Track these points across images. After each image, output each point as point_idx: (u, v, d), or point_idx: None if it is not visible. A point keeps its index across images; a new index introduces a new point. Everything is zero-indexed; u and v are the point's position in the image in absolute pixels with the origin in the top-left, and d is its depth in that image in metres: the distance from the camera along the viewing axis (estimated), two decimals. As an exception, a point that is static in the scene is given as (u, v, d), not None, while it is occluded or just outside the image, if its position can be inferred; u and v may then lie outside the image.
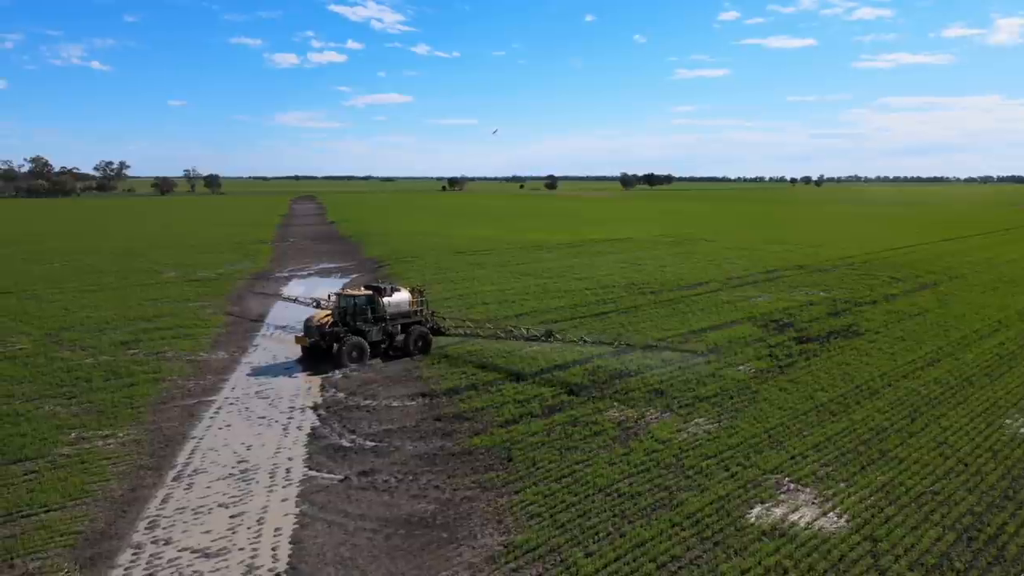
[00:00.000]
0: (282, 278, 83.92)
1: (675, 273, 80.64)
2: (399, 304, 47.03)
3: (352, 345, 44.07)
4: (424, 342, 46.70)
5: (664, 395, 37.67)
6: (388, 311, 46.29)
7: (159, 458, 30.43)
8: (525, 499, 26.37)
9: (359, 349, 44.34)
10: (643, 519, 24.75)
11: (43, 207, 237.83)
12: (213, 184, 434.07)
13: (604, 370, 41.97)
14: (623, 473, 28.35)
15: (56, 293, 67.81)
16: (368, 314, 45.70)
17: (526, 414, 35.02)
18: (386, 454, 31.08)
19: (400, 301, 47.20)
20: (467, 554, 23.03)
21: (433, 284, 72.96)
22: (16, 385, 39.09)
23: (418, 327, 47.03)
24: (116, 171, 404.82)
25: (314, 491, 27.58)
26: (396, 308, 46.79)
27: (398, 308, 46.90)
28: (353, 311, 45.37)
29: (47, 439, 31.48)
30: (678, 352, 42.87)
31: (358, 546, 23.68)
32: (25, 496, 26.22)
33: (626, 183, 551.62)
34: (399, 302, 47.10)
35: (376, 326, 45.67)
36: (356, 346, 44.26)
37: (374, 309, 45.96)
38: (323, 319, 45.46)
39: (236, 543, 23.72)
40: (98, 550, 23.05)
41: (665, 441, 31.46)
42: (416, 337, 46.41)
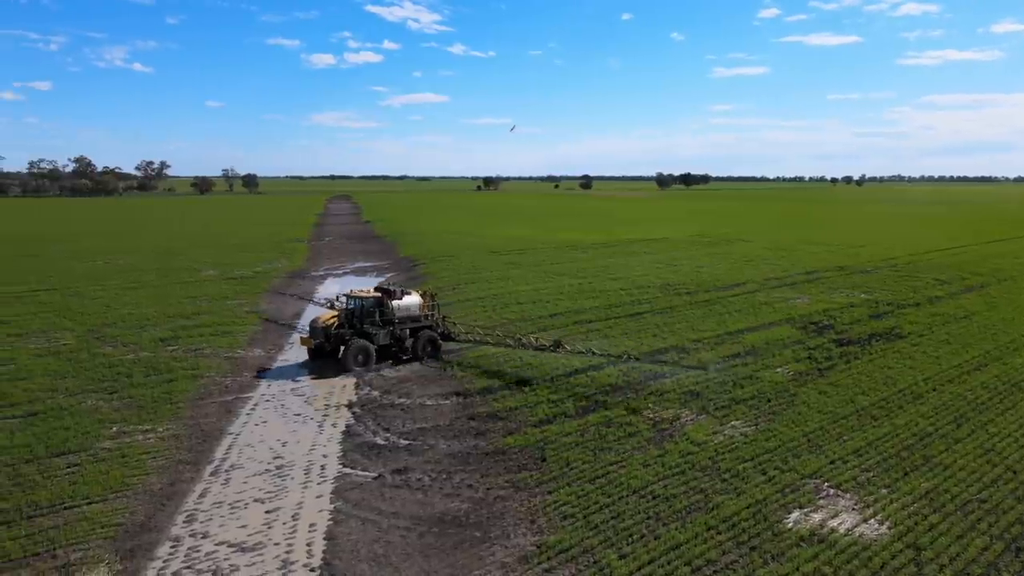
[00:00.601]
0: (318, 277, 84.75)
1: (711, 274, 79.74)
2: (408, 308, 45.87)
3: (357, 348, 43.13)
4: (433, 347, 45.60)
5: (700, 396, 37.21)
6: (397, 315, 45.14)
7: (197, 453, 30.87)
8: (559, 499, 26.21)
9: (364, 353, 43.30)
10: (678, 522, 24.44)
11: (86, 206, 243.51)
12: (251, 184, 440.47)
13: (638, 371, 41.59)
14: (657, 475, 28.04)
15: (98, 290, 69.29)
16: (376, 317, 44.71)
17: (560, 414, 34.84)
18: (420, 452, 31.14)
19: (410, 305, 46.04)
20: (500, 553, 22.95)
21: (468, 284, 73.13)
22: (60, 380, 39.97)
23: (428, 331, 45.81)
24: (157, 171, 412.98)
25: (348, 488, 27.74)
26: (405, 312, 45.61)
27: (407, 312, 45.72)
28: (360, 313, 44.55)
29: (89, 433, 32.12)
30: (685, 369, 40.67)
31: (391, 543, 23.74)
32: (68, 488, 26.75)
33: (662, 183, 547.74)
34: (408, 306, 45.95)
35: (384, 329, 44.56)
36: (361, 349, 43.26)
37: (382, 312, 44.95)
38: (329, 320, 44.62)
39: (272, 538, 23.94)
40: (138, 542, 23.43)
41: (700, 443, 31.06)
42: (425, 342, 45.31)
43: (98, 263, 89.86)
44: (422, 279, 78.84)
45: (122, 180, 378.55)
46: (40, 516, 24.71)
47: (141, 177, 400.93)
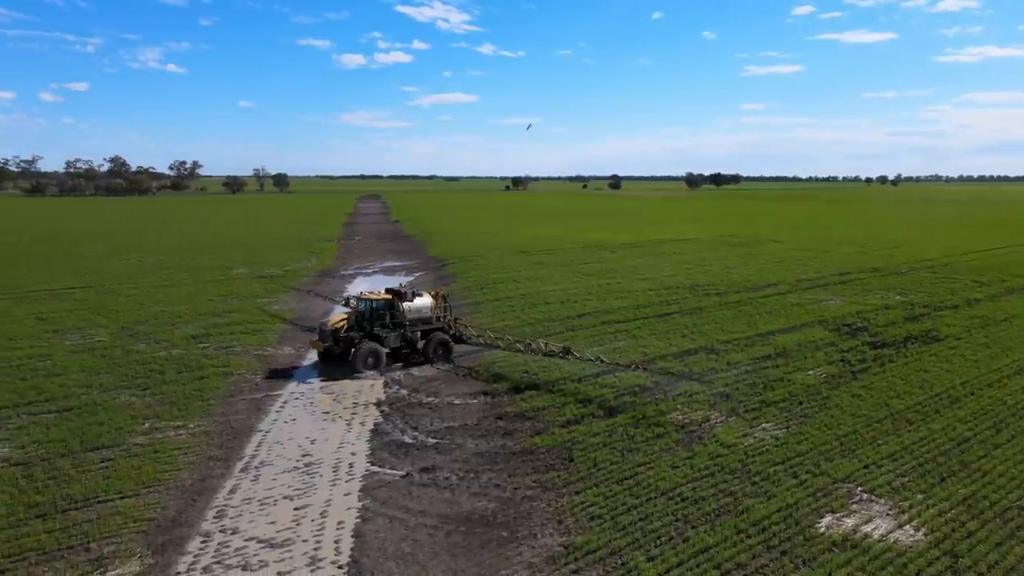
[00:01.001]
0: (347, 275, 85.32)
1: (742, 275, 78.89)
2: (420, 310, 44.96)
3: (367, 351, 42.45)
4: (444, 349, 44.86)
5: (729, 398, 36.79)
6: (408, 317, 44.34)
7: (227, 449, 31.18)
8: (586, 500, 26.05)
9: (374, 355, 42.61)
10: (707, 524, 24.15)
11: (121, 205, 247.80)
12: (281, 183, 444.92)
13: (668, 372, 41.24)
14: (686, 477, 27.74)
15: (132, 288, 70.42)
16: (386, 319, 43.90)
17: (587, 414, 34.65)
18: (448, 451, 31.15)
19: (421, 306, 45.13)
20: (527, 554, 22.85)
21: (496, 283, 73.13)
22: (94, 376, 40.64)
23: (439, 334, 45.06)
24: (189, 170, 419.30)
25: (376, 486, 27.82)
26: (416, 314, 44.73)
27: (418, 314, 44.84)
28: (370, 315, 43.74)
29: (122, 428, 32.59)
30: (700, 384, 38.75)
31: (419, 542, 23.75)
32: (101, 483, 27.16)
33: (692, 183, 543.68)
34: (420, 307, 45.02)
35: (394, 332, 43.82)
36: (371, 352, 42.56)
37: (393, 314, 44.14)
38: (338, 322, 43.78)
39: (300, 535, 24.08)
40: (169, 537, 23.70)
41: (730, 446, 30.68)
42: (436, 344, 44.60)
43: (132, 261, 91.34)
44: (450, 278, 79.03)
45: (155, 179, 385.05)
46: (74, 510, 25.11)
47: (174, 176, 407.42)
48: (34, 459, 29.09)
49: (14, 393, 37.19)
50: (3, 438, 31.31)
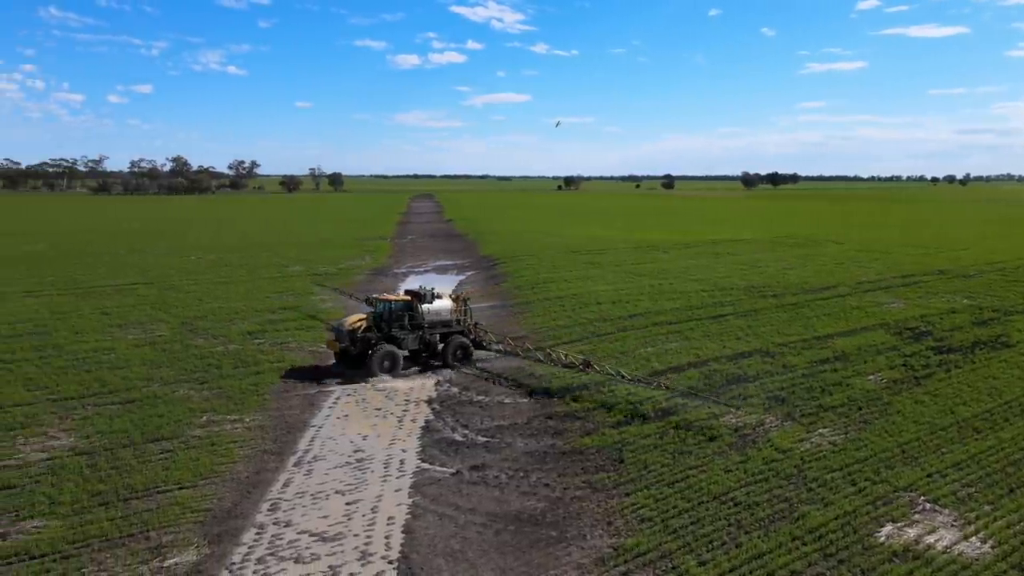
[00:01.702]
0: (400, 274, 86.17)
1: (799, 276, 77.10)
2: (439, 312, 44.21)
3: (384, 353, 41.67)
4: (464, 353, 44.07)
5: (785, 402, 35.96)
6: (427, 319, 43.62)
7: (281, 444, 31.72)
8: (636, 502, 25.73)
9: (391, 358, 41.84)
10: (761, 530, 23.61)
11: (182, 204, 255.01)
12: (336, 182, 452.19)
13: (721, 374, 40.56)
14: (739, 481, 27.19)
15: (192, 284, 72.35)
16: (405, 321, 43.15)
17: (638, 416, 34.25)
18: (497, 450, 31.14)
19: (440, 309, 44.36)
20: (576, 554, 22.67)
21: (547, 283, 72.96)
22: (155, 369, 41.82)
23: (459, 337, 44.28)
24: (247, 170, 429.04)
25: (426, 483, 27.96)
26: (436, 316, 44.00)
27: (438, 316, 44.10)
28: (389, 317, 42.96)
29: (181, 421, 33.45)
30: (727, 407, 34.90)
31: (468, 539, 23.77)
32: (161, 473, 27.89)
33: (748, 182, 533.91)
34: (439, 310, 44.28)
35: (413, 334, 43.15)
36: (388, 355, 41.77)
37: (412, 316, 43.38)
38: (356, 323, 42.74)
39: (351, 529, 24.33)
40: (225, 527, 24.20)
41: (786, 451, 29.96)
42: (455, 347, 43.82)
43: (192, 258, 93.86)
44: (501, 278, 79.17)
45: (215, 179, 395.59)
46: (135, 499, 25.83)
47: (233, 176, 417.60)
48: (98, 449, 30.06)
49: (80, 385, 38.51)
50: (69, 428, 32.44)
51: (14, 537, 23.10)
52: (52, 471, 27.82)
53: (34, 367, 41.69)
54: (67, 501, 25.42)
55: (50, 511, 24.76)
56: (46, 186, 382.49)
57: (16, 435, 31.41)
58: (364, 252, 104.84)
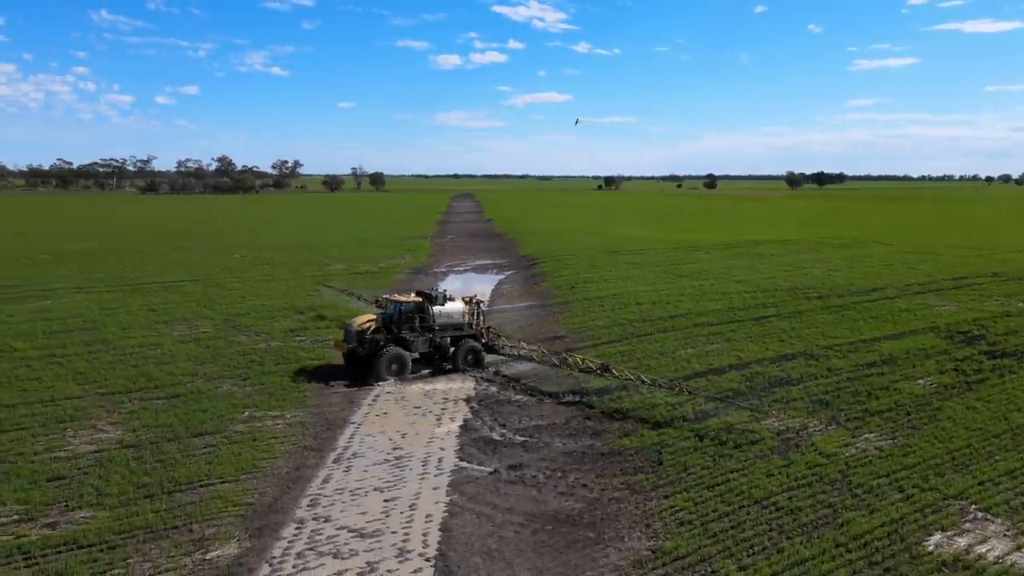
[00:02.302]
0: (440, 273, 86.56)
1: (845, 277, 75.49)
2: (451, 315, 43.03)
3: (392, 356, 40.46)
4: (475, 358, 42.92)
5: (830, 406, 35.20)
6: (438, 321, 42.42)
7: (321, 440, 32.03)
8: (675, 504, 25.41)
9: (399, 361, 40.71)
10: (803, 536, 23.12)
11: (227, 203, 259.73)
12: (378, 182, 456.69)
13: (763, 376, 39.88)
14: (782, 486, 26.67)
15: (235, 282, 73.60)
16: (415, 323, 42.09)
17: (678, 417, 33.85)
18: (535, 450, 31.04)
19: (452, 311, 43.19)
20: (614, 556, 22.46)
21: (586, 283, 72.61)
22: (199, 365, 42.59)
23: (470, 341, 43.09)
24: (291, 169, 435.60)
25: (464, 482, 27.98)
26: (447, 319, 42.82)
27: (449, 319, 42.92)
28: (399, 319, 41.93)
29: (224, 416, 33.98)
30: (752, 413, 33.84)
31: (505, 539, 23.71)
32: (204, 467, 28.36)
33: (793, 182, 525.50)
34: (451, 312, 43.10)
35: (422, 337, 41.98)
36: (396, 358, 40.60)
37: (422, 318, 42.32)
38: (364, 324, 41.61)
39: (389, 526, 24.44)
40: (265, 522, 24.50)
41: (830, 455, 29.31)
42: (466, 351, 42.71)
43: (236, 256, 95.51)
44: (541, 277, 79.03)
45: (259, 178, 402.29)
46: (179, 492, 26.29)
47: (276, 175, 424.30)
48: (144, 442, 30.70)
49: (127, 380, 39.40)
50: (116, 421, 33.19)
51: (63, 527, 23.69)
52: (100, 463, 28.49)
53: (84, 361, 42.79)
54: (114, 493, 26.00)
55: (98, 502, 25.34)
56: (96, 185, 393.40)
57: (66, 427, 32.25)
58: (404, 251, 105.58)
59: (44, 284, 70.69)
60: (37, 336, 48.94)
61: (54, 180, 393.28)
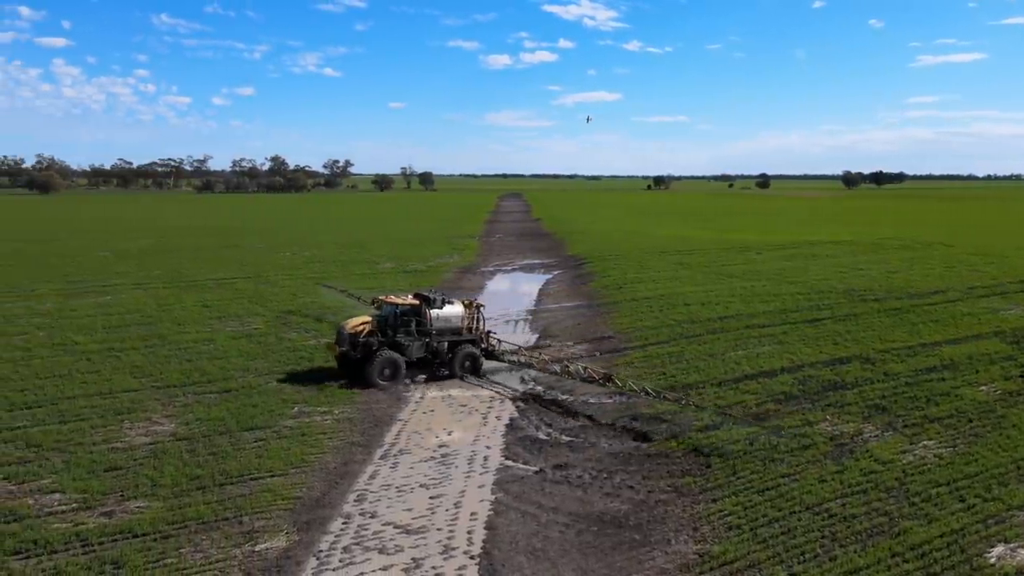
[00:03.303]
0: (487, 272, 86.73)
1: (904, 279, 73.31)
2: (449, 318, 41.62)
3: (385, 361, 38.96)
4: (473, 364, 41.58)
5: (887, 412, 34.16)
6: (435, 325, 40.97)
7: (369, 436, 32.30)
8: (723, 508, 24.93)
9: (392, 366, 39.16)
10: (857, 544, 22.43)
11: (279, 202, 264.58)
12: (427, 181, 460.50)
13: (816, 380, 38.93)
14: (835, 492, 25.95)
15: (287, 280, 74.86)
16: (411, 327, 40.51)
17: (727, 420, 33.23)
18: (581, 450, 30.81)
19: (450, 315, 41.74)
20: (660, 559, 22.12)
21: (635, 283, 71.95)
22: (251, 361, 43.37)
23: (468, 346, 41.67)
24: (342, 169, 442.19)
25: (509, 480, 27.91)
26: (445, 323, 41.41)
27: (447, 323, 41.52)
28: (394, 321, 40.28)
29: (274, 411, 34.51)
30: (763, 430, 31.81)
31: (550, 538, 23.56)
32: (254, 461, 28.83)
33: (850, 182, 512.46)
34: (449, 316, 41.67)
35: (418, 341, 40.43)
36: (389, 362, 39.09)
37: (419, 322, 40.77)
38: (358, 326, 40.12)
39: (434, 523, 24.50)
40: (313, 516, 24.78)
41: (886, 462, 28.42)
42: (464, 357, 41.31)
43: (287, 254, 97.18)
44: (588, 277, 78.60)
45: (311, 177, 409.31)
46: (230, 484, 26.77)
47: (327, 174, 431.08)
48: (196, 435, 31.36)
49: (181, 374, 40.34)
50: (171, 415, 33.99)
51: (119, 516, 24.31)
52: (154, 455, 29.19)
53: (140, 356, 43.97)
54: (167, 484, 26.59)
55: (152, 493, 25.95)
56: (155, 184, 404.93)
57: (123, 419, 33.14)
58: (453, 250, 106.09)
59: (104, 280, 72.96)
60: (97, 330, 50.51)
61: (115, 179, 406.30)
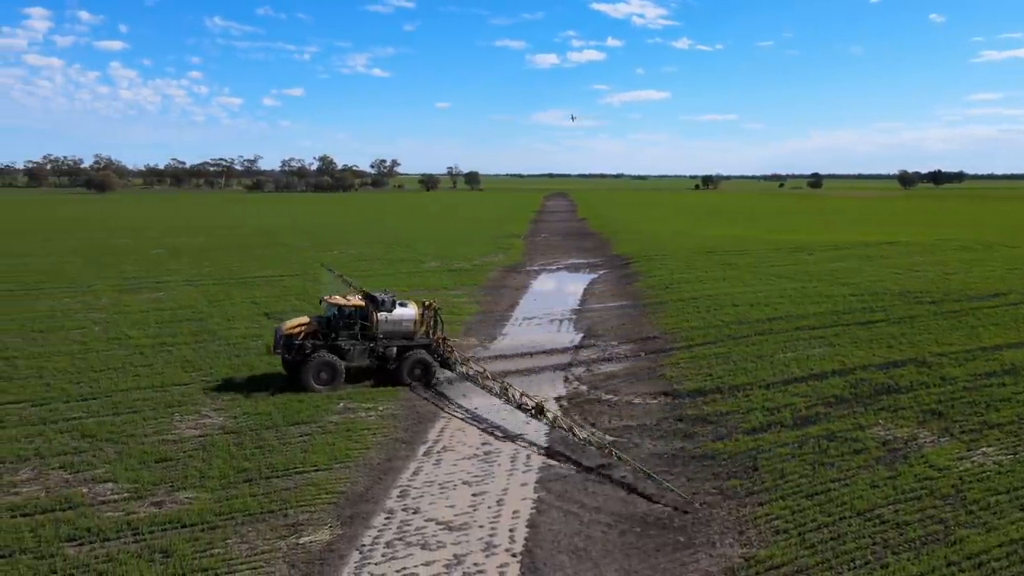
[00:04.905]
0: (532, 271, 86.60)
1: (963, 281, 70.96)
2: (399, 321, 38.90)
3: (321, 364, 36.87)
4: (424, 371, 38.75)
5: (943, 417, 33.07)
6: (382, 329, 38.45)
7: (412, 433, 32.46)
8: (771, 512, 24.40)
9: (330, 369, 36.97)
10: (911, 552, 21.74)
11: (327, 201, 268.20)
12: (473, 181, 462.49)
13: (869, 383, 37.90)
14: (888, 498, 25.20)
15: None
16: (355, 329, 38.21)
17: (775, 423, 32.56)
18: (624, 450, 30.48)
19: (401, 318, 38.99)
20: (704, 562, 21.75)
21: (681, 284, 71.08)
22: (300, 356, 43.85)
23: (420, 352, 38.86)
24: (388, 168, 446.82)
25: (552, 479, 27.76)
26: (394, 326, 38.74)
27: (396, 326, 38.81)
28: (337, 323, 38.10)
29: (319, 407, 34.88)
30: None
31: (592, 538, 23.36)
32: (300, 455, 29.20)
33: (906, 181, 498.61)
34: (399, 319, 38.94)
35: (362, 345, 38.10)
36: (325, 365, 36.94)
37: (364, 324, 38.39)
38: (295, 327, 37.99)
39: (477, 520, 24.50)
40: (356, 510, 24.99)
41: (942, 469, 27.51)
42: (413, 364, 38.53)
43: (334, 253, 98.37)
44: (634, 277, 77.91)
45: (358, 177, 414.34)
46: (276, 478, 27.15)
47: (375, 174, 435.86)
48: (244, 429, 31.90)
49: (230, 368, 41.08)
50: (220, 408, 34.63)
51: (169, 506, 24.84)
52: (204, 447, 29.78)
53: (191, 350, 44.93)
54: (216, 476, 27.09)
55: (200, 484, 26.46)
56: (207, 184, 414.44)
57: (174, 412, 33.89)
58: (498, 249, 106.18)
59: (158, 277, 74.84)
60: (150, 325, 51.79)
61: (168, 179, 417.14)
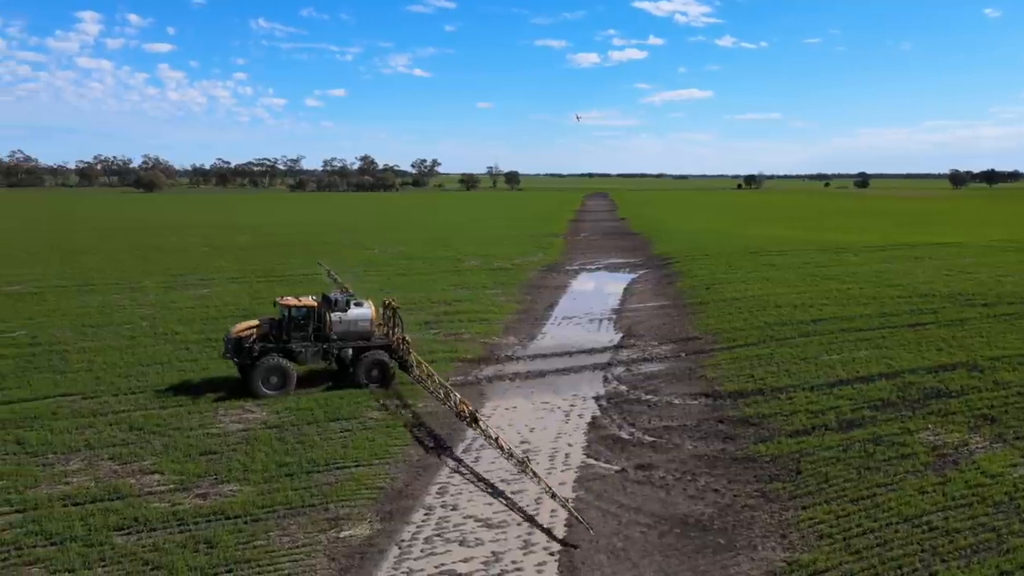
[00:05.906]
0: (572, 271, 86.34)
1: (1018, 284, 68.87)
2: (355, 321, 37.80)
3: (270, 367, 35.52)
4: (381, 372, 37.47)
5: (996, 422, 32.13)
6: (337, 330, 37.35)
7: (452, 430, 32.56)
8: (814, 516, 23.96)
9: (279, 373, 35.69)
10: (961, 560, 21.17)
11: (368, 200, 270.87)
12: (513, 180, 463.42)
13: (917, 387, 36.99)
14: (936, 505, 24.56)
15: (374, 275, 76.40)
16: (308, 331, 37.06)
17: (819, 426, 31.96)
18: (664, 450, 30.22)
19: (356, 318, 37.90)
20: (745, 565, 21.44)
21: (723, 284, 70.21)
22: (341, 353, 44.33)
23: (377, 353, 37.53)
24: (429, 168, 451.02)
25: (591, 479, 27.63)
26: (349, 327, 37.67)
27: (352, 327, 37.72)
28: (288, 325, 36.83)
29: (360, 403, 35.22)
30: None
31: (631, 539, 23.19)
32: (340, 450, 29.52)
33: (958, 181, 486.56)
34: (355, 319, 37.85)
35: (315, 347, 36.93)
36: (275, 369, 35.62)
37: (317, 326, 37.29)
38: (244, 330, 36.72)
39: (515, 518, 24.49)
40: (396, 506, 25.19)
41: (994, 476, 26.72)
42: (369, 365, 37.25)
43: (374, 251, 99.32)
44: (675, 277, 77.21)
45: (399, 177, 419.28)
46: (317, 472, 27.49)
47: (415, 174, 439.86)
48: (286, 424, 32.34)
49: (275, 364, 41.60)
50: (262, 403, 35.05)
51: (213, 498, 25.31)
52: (247, 441, 30.26)
53: (237, 346, 45.63)
54: (258, 469, 27.52)
55: (244, 477, 26.91)
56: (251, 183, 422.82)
57: (218, 407, 34.50)
58: (538, 248, 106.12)
59: (203, 274, 76.31)
60: (196, 322, 52.84)
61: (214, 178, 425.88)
